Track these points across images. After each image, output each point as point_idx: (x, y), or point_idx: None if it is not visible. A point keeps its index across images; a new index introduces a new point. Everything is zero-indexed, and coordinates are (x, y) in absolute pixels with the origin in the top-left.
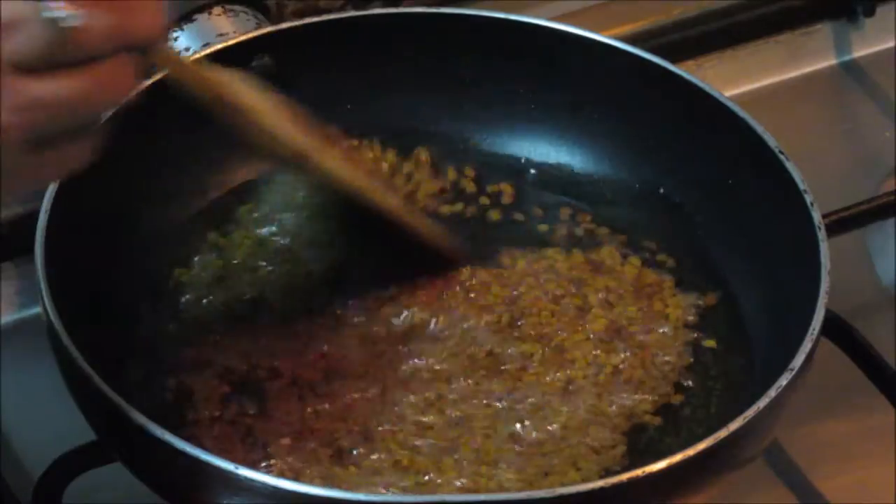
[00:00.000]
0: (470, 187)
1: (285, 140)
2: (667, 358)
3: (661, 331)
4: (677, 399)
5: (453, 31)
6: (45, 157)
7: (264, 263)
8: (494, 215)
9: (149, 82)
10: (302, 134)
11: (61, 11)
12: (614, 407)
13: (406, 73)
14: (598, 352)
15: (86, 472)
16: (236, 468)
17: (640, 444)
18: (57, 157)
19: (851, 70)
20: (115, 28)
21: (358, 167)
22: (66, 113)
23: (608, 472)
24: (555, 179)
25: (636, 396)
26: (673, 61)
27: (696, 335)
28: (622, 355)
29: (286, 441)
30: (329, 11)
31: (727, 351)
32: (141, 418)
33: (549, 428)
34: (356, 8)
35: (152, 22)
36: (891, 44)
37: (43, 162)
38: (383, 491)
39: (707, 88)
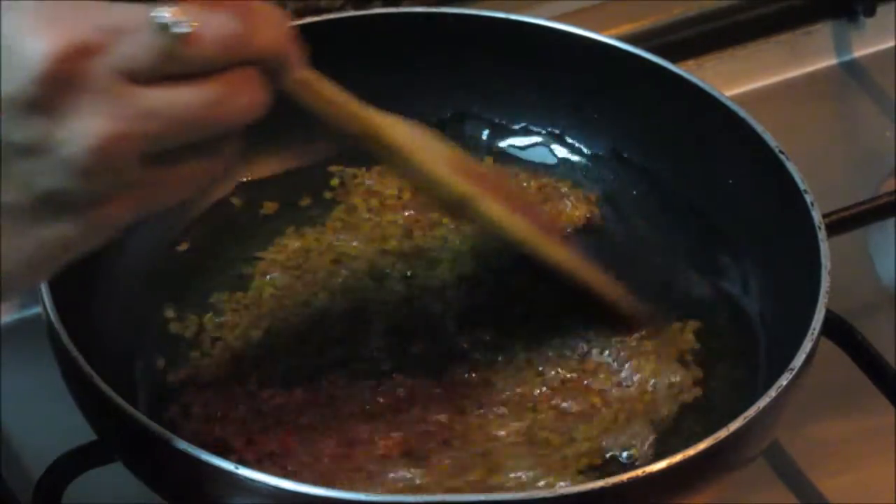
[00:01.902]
0: None
1: (445, 184)
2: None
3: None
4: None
5: (453, 31)
6: (169, 174)
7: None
8: None
9: None
10: (463, 177)
11: (172, 17)
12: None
13: (406, 73)
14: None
15: (86, 472)
16: (236, 468)
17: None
18: (183, 173)
19: (851, 70)
20: (231, 38)
21: (524, 214)
22: (183, 126)
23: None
24: (554, 178)
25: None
26: (673, 61)
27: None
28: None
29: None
30: (329, 11)
31: (727, 351)
32: (141, 418)
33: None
34: (356, 8)
35: (275, 34)
36: (891, 44)
37: (168, 178)
38: None
39: (707, 88)
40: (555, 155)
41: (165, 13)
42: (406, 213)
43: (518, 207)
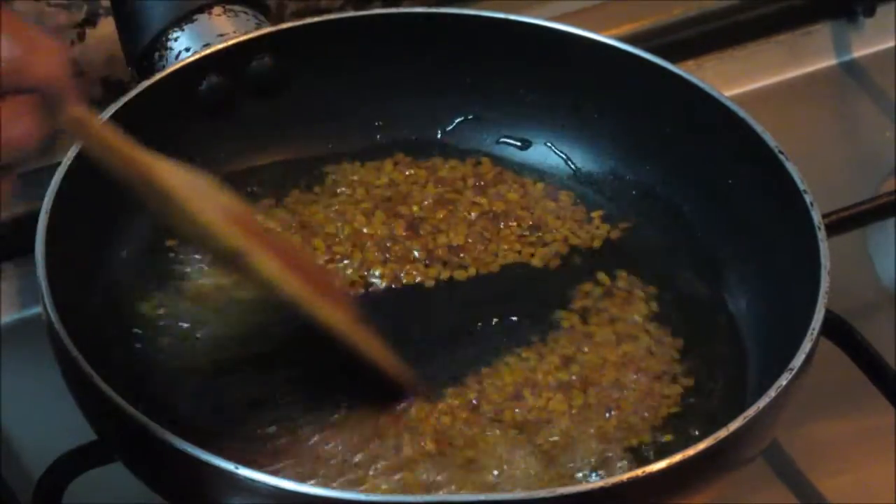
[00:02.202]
0: None
1: (218, 234)
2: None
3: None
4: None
5: (453, 31)
6: None
7: None
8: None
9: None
10: (240, 230)
11: None
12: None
13: (406, 73)
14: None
15: (86, 472)
16: (236, 468)
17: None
18: None
19: (851, 70)
20: (11, 62)
21: (303, 273)
22: None
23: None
24: (554, 178)
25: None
26: (673, 61)
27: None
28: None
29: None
30: (329, 11)
31: (727, 351)
32: (141, 418)
33: None
34: (356, 8)
35: (54, 64)
36: (891, 44)
37: None
38: None
39: (707, 88)
40: (554, 155)
41: None
42: None
43: (296, 267)
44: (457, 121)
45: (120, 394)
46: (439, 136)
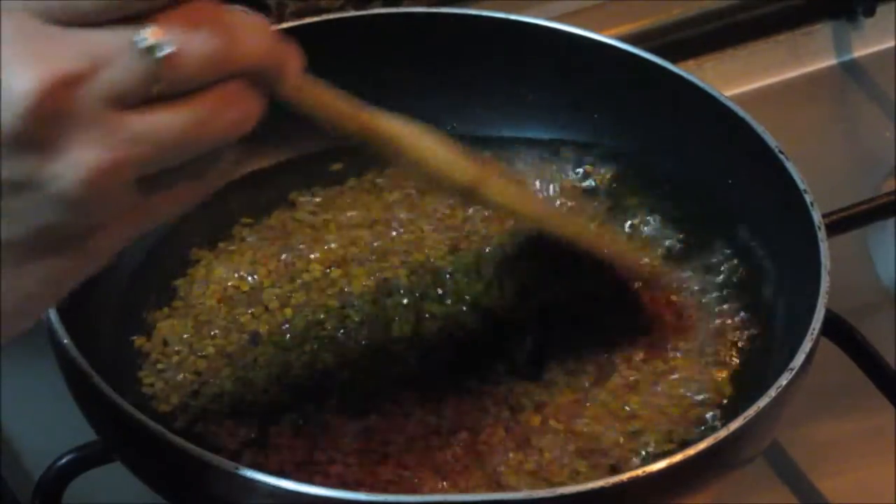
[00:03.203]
0: None
1: (453, 171)
2: None
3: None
4: None
5: (453, 31)
6: (162, 195)
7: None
8: None
9: None
10: (468, 163)
11: (154, 40)
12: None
13: (406, 73)
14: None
15: (86, 472)
16: (236, 468)
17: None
18: (177, 193)
19: (851, 70)
20: (214, 54)
21: (530, 194)
22: (173, 149)
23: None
24: (555, 179)
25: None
26: (673, 61)
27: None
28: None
29: None
30: (329, 11)
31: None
32: (141, 418)
33: None
34: (356, 8)
35: (259, 44)
36: (891, 44)
37: (162, 199)
38: None
39: (707, 88)
40: (554, 155)
41: (147, 36)
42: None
43: (525, 191)
44: (456, 120)
45: (120, 393)
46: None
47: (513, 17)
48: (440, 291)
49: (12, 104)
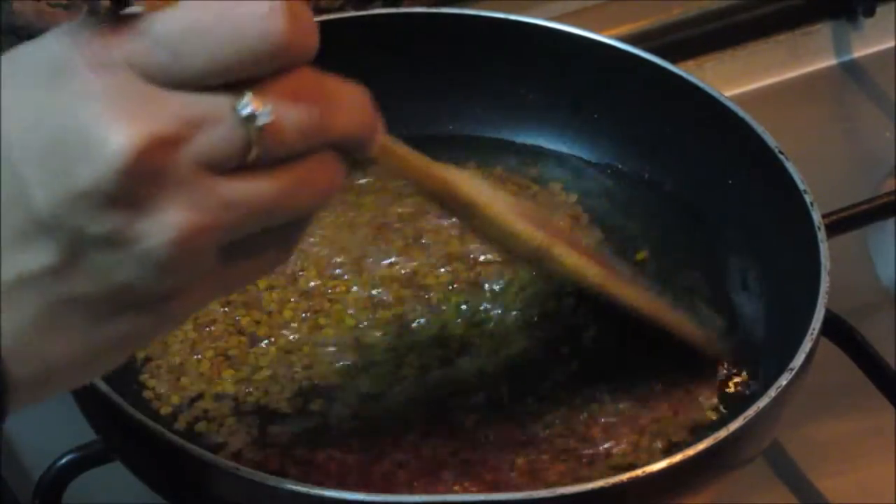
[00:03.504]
0: None
1: (521, 234)
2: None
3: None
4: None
5: (453, 31)
6: (240, 262)
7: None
8: None
9: None
10: (538, 229)
11: (255, 109)
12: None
13: (406, 74)
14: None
15: (86, 472)
16: (237, 468)
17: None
18: (253, 261)
19: (851, 70)
20: (312, 126)
21: (596, 260)
22: (262, 216)
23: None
24: (554, 178)
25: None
26: (673, 61)
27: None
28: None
29: None
30: (329, 11)
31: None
32: (141, 418)
33: None
34: (356, 8)
35: (360, 119)
36: (891, 44)
37: (237, 268)
38: None
39: (707, 88)
40: (554, 155)
41: (248, 104)
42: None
43: (589, 255)
44: (456, 120)
45: (120, 393)
46: (439, 135)
47: (513, 17)
48: (428, 295)
49: (108, 160)
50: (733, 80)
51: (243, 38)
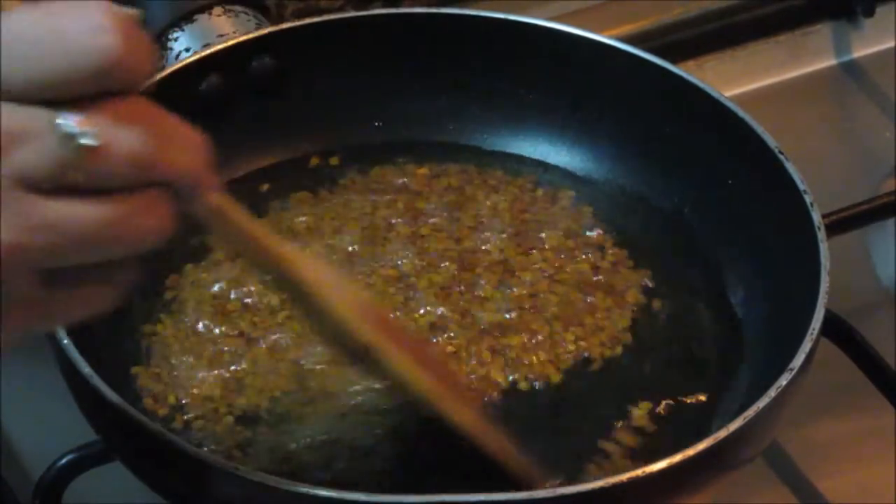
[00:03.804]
0: None
1: (352, 328)
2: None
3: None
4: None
5: (453, 31)
6: (63, 293)
7: None
8: None
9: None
10: (372, 325)
11: (79, 128)
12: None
13: (406, 73)
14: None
15: (86, 472)
16: (236, 468)
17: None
18: (73, 297)
19: (851, 70)
20: (142, 157)
21: (432, 369)
22: (81, 244)
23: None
24: (554, 179)
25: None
26: (673, 61)
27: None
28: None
29: None
30: (329, 11)
31: (727, 351)
32: (141, 418)
33: None
34: (356, 8)
35: (191, 158)
36: (891, 44)
37: (62, 298)
38: None
39: (707, 88)
40: (554, 155)
41: (72, 122)
42: None
43: (425, 363)
44: (456, 120)
45: (119, 394)
46: (439, 135)
47: (513, 17)
48: (414, 294)
49: None
50: (733, 80)
51: (72, 52)
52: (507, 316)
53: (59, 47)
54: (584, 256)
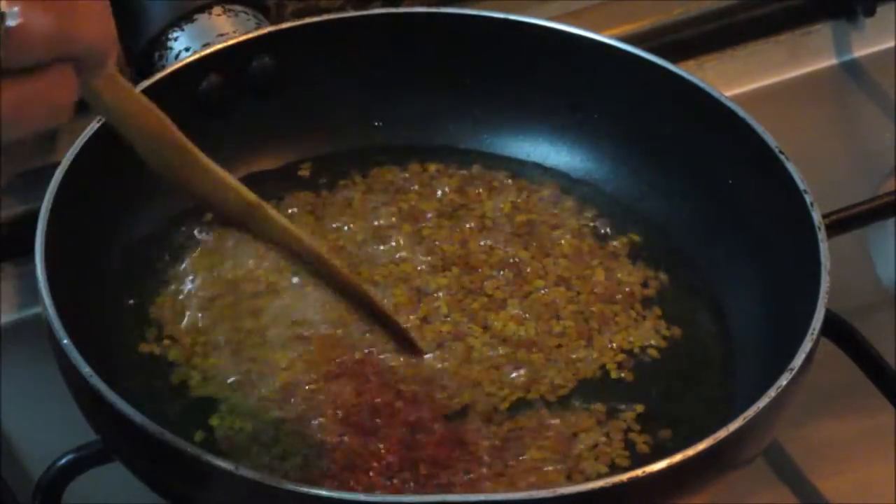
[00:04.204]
0: None
1: (238, 192)
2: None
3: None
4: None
5: (453, 31)
6: None
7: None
8: None
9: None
10: (248, 190)
11: (2, 7)
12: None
13: (406, 73)
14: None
15: (86, 472)
16: (236, 468)
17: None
18: None
19: (851, 70)
20: (60, 33)
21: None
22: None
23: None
24: (555, 179)
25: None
26: (673, 61)
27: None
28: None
29: None
30: (329, 11)
31: (727, 351)
32: (141, 418)
33: None
34: (356, 8)
35: (100, 31)
36: (891, 44)
37: None
38: None
39: (707, 88)
40: (554, 155)
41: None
42: None
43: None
44: (457, 121)
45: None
46: (439, 136)
47: (513, 17)
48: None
49: None
50: (733, 80)
51: None
52: (522, 323)
53: None
54: (588, 259)
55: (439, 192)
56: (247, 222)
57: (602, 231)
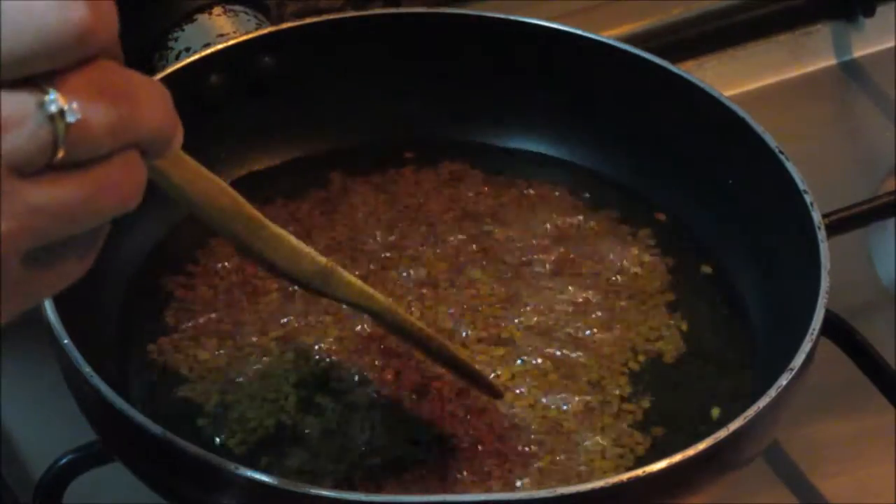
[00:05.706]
0: None
1: (309, 257)
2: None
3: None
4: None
5: (453, 31)
6: (42, 271)
7: None
8: None
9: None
10: (317, 255)
11: (60, 106)
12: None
13: (405, 73)
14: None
15: (86, 472)
16: (236, 468)
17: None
18: (55, 270)
19: (851, 70)
20: (121, 122)
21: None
22: (69, 221)
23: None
24: (555, 179)
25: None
26: (673, 61)
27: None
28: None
29: None
30: (329, 11)
31: (727, 350)
32: (141, 418)
33: None
34: (356, 8)
35: (164, 116)
36: (891, 44)
37: (40, 275)
38: None
39: (707, 88)
40: (554, 155)
41: (54, 100)
42: None
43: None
44: (457, 121)
45: (119, 394)
46: (439, 135)
47: (513, 17)
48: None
49: None
50: (733, 80)
51: (42, 25)
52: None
53: (29, 21)
54: (596, 260)
55: (442, 192)
56: (321, 287)
57: (601, 228)
